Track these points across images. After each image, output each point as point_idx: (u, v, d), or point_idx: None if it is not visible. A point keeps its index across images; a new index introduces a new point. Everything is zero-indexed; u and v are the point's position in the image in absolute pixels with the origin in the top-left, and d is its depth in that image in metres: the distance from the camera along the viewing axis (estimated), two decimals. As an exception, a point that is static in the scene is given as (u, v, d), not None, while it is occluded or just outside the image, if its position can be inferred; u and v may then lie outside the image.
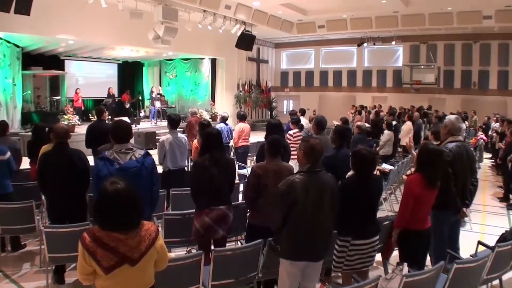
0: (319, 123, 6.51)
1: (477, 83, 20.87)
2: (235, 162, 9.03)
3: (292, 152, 6.51)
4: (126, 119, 9.83)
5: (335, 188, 3.38)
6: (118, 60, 20.86)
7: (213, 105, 20.90)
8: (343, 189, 3.59)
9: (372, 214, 3.82)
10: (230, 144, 9.82)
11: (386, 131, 10.50)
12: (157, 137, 14.15)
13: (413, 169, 8.93)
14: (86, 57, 19.17)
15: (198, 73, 22.20)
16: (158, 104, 18.19)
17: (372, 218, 3.81)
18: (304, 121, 10.28)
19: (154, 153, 5.39)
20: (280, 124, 6.57)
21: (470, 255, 4.35)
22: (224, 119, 9.66)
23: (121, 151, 3.55)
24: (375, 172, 3.98)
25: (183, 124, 9.77)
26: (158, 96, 18.82)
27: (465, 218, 6.17)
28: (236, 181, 5.05)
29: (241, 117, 9.58)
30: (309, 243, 3.31)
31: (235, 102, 21.96)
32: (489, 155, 13.63)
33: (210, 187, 4.07)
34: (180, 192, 5.51)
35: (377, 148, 10.60)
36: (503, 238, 4.58)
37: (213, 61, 21.73)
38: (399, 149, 11.90)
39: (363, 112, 17.08)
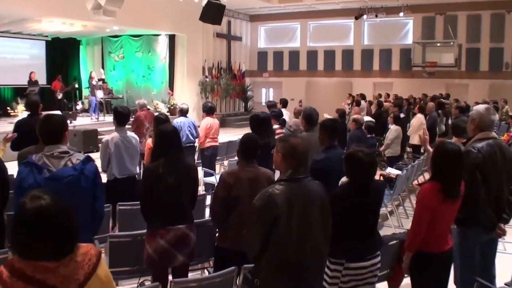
0: (309, 117, 6.50)
1: (510, 64, 20.96)
2: (201, 167, 9.08)
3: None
4: (58, 113, 9.72)
5: (325, 198, 3.35)
6: (46, 36, 20.54)
7: (172, 94, 20.84)
8: (335, 201, 3.58)
9: (371, 230, 3.86)
10: (195, 144, 9.80)
11: (393, 126, 10.60)
12: (99, 137, 14.05)
13: (427, 175, 9.13)
14: (1, 32, 18.78)
15: (152, 53, 22.13)
16: (100, 94, 17.99)
17: (371, 235, 3.85)
18: (286, 114, 10.31)
19: (97, 157, 5.34)
20: (269, 119, 6.60)
21: (505, 284, 4.32)
22: (183, 112, 9.62)
23: (53, 155, 3.48)
24: (376, 178, 4.01)
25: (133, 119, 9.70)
26: (100, 83, 18.58)
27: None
28: (201, 192, 5.06)
29: (208, 110, 9.56)
30: (298, 271, 3.24)
31: (200, 90, 22.00)
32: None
33: (165, 200, 4.06)
34: (130, 207, 5.47)
35: (382, 148, 10.76)
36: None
37: (171, 38, 21.68)
38: (408, 149, 12.07)
39: (363, 103, 17.19)
